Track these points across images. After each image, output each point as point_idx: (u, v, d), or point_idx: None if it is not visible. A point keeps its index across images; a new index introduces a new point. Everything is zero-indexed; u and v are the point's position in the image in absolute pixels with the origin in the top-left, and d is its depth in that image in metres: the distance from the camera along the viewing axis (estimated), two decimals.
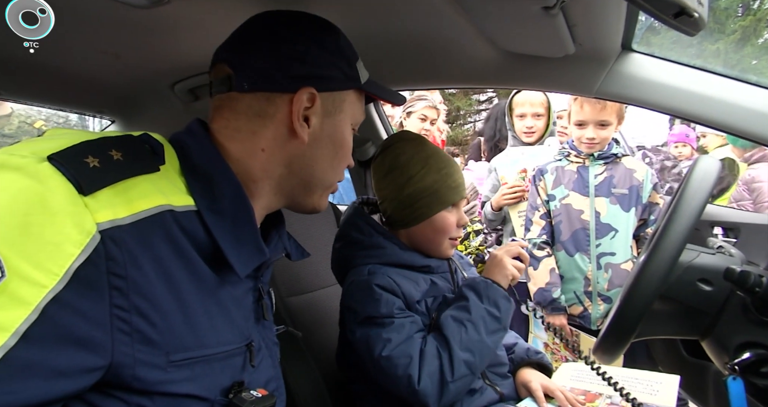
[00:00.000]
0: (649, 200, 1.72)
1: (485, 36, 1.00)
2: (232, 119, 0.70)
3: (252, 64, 0.69)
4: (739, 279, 0.69)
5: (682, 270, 0.76)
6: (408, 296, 0.96)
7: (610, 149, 1.75)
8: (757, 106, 0.91)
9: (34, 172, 0.48)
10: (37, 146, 0.52)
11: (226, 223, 0.62)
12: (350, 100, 0.75)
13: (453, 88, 9.53)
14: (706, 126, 1.06)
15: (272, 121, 0.69)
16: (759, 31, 10.04)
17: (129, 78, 1.30)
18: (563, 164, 1.80)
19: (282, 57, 0.69)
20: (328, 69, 0.71)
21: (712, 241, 0.93)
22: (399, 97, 0.86)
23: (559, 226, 1.75)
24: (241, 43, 0.72)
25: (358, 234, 1.04)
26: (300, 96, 0.68)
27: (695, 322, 0.77)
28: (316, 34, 0.72)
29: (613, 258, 1.68)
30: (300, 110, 0.68)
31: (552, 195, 1.78)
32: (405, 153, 1.03)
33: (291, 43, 0.70)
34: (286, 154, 0.70)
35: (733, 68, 10.30)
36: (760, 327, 0.71)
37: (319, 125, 0.71)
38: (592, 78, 1.04)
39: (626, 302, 0.70)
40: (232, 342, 0.64)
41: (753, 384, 0.71)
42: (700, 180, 0.72)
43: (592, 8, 0.84)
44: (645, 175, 1.72)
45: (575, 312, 1.74)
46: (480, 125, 11.85)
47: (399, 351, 0.90)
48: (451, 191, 1.02)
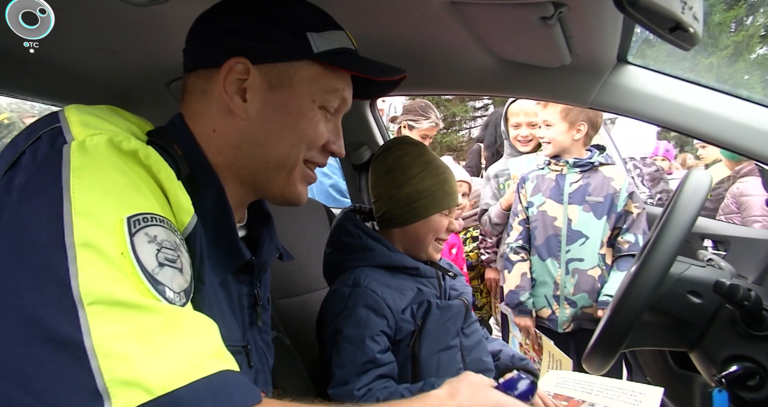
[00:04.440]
0: (624, 209, 1.75)
1: (483, 44, 1.01)
2: (186, 100, 0.69)
3: (194, 43, 0.69)
4: (729, 293, 0.69)
5: (672, 282, 0.76)
6: (394, 307, 0.96)
7: (590, 157, 1.79)
8: (748, 120, 0.92)
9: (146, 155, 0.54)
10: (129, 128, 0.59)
11: (207, 226, 0.62)
12: (304, 73, 0.68)
13: (449, 95, 9.57)
14: (697, 139, 1.07)
15: (212, 97, 0.67)
16: (751, 47, 10.19)
17: (125, 75, 1.30)
18: (544, 173, 1.86)
19: (217, 32, 0.68)
20: (265, 40, 0.66)
21: (702, 254, 0.93)
22: (383, 71, 0.73)
23: (535, 232, 1.82)
24: (194, 24, 0.71)
25: (347, 238, 1.05)
26: (228, 67, 0.65)
27: (684, 334, 0.77)
28: (256, 7, 0.68)
29: (581, 264, 1.73)
30: (232, 83, 0.65)
31: (531, 202, 1.84)
32: (408, 155, 1.05)
33: (226, 17, 0.68)
34: (233, 131, 0.67)
35: (725, 83, 10.44)
36: (748, 341, 0.71)
37: (260, 98, 0.66)
38: (587, 89, 1.05)
39: (616, 313, 0.70)
40: (236, 340, 0.66)
41: (739, 398, 0.72)
42: (692, 193, 0.72)
43: (589, 20, 0.85)
44: (622, 184, 1.75)
45: (544, 315, 1.81)
46: (475, 132, 11.90)
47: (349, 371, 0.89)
48: (447, 196, 1.04)
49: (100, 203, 0.47)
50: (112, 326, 0.43)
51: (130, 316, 0.44)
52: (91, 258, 0.44)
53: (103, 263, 0.45)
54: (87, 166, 0.48)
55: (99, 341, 0.41)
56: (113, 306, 0.43)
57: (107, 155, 0.50)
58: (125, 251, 0.46)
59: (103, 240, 0.46)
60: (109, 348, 0.41)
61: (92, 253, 0.45)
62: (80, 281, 0.43)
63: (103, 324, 0.42)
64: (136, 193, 0.51)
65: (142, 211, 0.49)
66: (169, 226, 0.52)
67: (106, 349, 0.41)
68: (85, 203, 0.46)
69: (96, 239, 0.45)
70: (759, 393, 0.70)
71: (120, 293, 0.44)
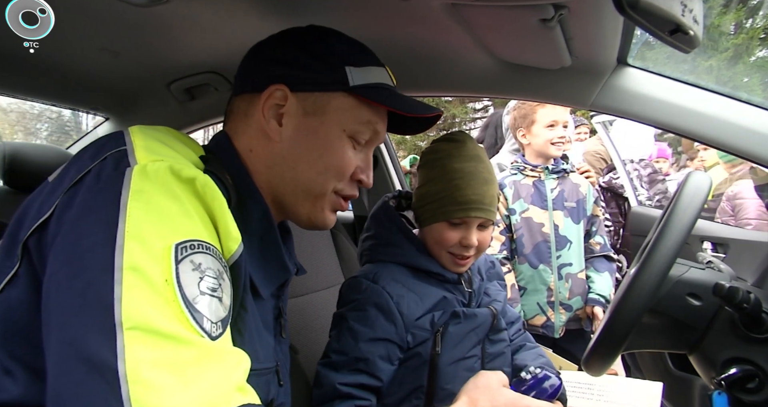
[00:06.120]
0: (591, 213, 1.81)
1: (483, 46, 1.01)
2: (231, 120, 0.75)
3: (244, 69, 0.75)
4: (728, 295, 0.69)
5: (671, 284, 0.76)
6: (407, 314, 0.91)
7: (558, 164, 1.81)
8: (746, 123, 0.92)
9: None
10: (186, 156, 0.61)
11: (254, 244, 0.66)
12: (337, 103, 0.71)
13: (449, 96, 9.57)
14: (696, 141, 1.07)
15: (252, 119, 0.72)
16: (751, 50, 10.20)
17: (126, 76, 1.30)
18: (519, 179, 1.83)
19: (263, 60, 0.73)
20: (305, 70, 0.71)
21: (701, 256, 0.93)
22: (415, 108, 0.74)
23: (521, 239, 1.77)
24: (247, 53, 0.77)
25: (379, 229, 1.01)
26: (269, 93, 0.70)
27: (683, 336, 0.77)
28: (302, 38, 0.73)
29: (571, 268, 1.75)
30: (270, 108, 0.70)
31: (512, 209, 1.80)
32: (438, 152, 0.98)
33: (273, 47, 0.74)
34: (267, 153, 0.71)
35: (724, 85, 10.44)
36: (748, 343, 0.71)
37: (294, 123, 0.71)
38: (587, 91, 1.05)
39: (616, 315, 0.70)
40: (270, 361, 0.69)
41: (739, 400, 0.72)
42: (691, 195, 0.72)
43: (589, 22, 0.85)
44: (587, 189, 1.82)
45: (538, 323, 1.78)
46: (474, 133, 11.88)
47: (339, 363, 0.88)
48: (456, 205, 0.93)
49: (152, 228, 0.49)
50: (146, 352, 0.44)
51: (166, 346, 0.45)
52: (136, 282, 0.46)
53: (147, 288, 0.46)
54: (146, 190, 0.51)
55: (132, 367, 0.42)
56: (151, 333, 0.45)
57: (165, 181, 0.53)
58: (169, 278, 0.48)
59: (150, 266, 0.47)
60: (141, 376, 0.42)
61: (138, 277, 0.46)
62: (123, 305, 0.44)
63: (138, 351, 0.43)
64: (187, 219, 0.53)
65: (191, 237, 0.52)
66: (214, 253, 0.54)
67: (138, 376, 0.42)
68: (139, 227, 0.48)
69: (143, 263, 0.47)
70: (758, 395, 0.70)
71: (159, 321, 0.45)
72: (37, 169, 1.33)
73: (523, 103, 1.84)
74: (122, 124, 1.57)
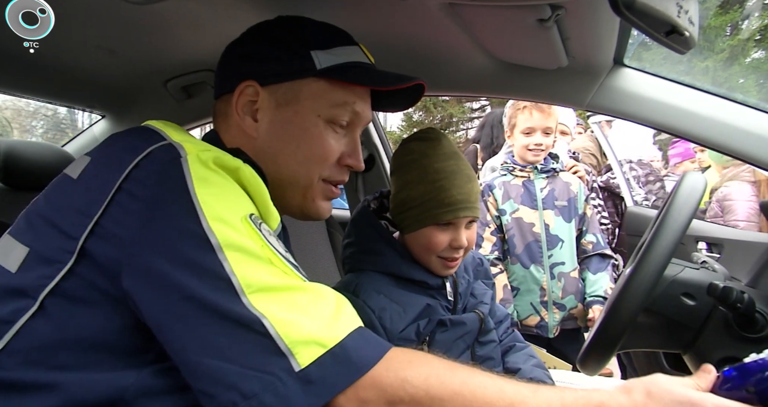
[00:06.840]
0: (583, 212, 1.81)
1: (480, 45, 1.01)
2: (216, 122, 0.77)
3: (218, 72, 0.77)
4: (722, 295, 0.69)
5: (666, 284, 0.77)
6: (390, 328, 0.87)
7: (548, 163, 1.81)
8: (742, 124, 0.93)
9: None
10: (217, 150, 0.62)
11: None
12: (309, 90, 0.70)
13: (447, 96, 9.57)
14: (691, 141, 1.08)
15: (231, 119, 0.73)
16: (747, 51, 10.25)
17: (122, 74, 1.29)
18: (508, 179, 1.83)
19: (233, 59, 0.74)
20: (273, 62, 0.71)
21: (696, 256, 0.94)
22: (390, 81, 0.73)
23: (513, 240, 1.77)
24: (221, 56, 0.78)
25: (359, 236, 0.96)
26: (240, 91, 0.71)
27: (678, 336, 0.78)
28: (268, 31, 0.73)
29: (563, 267, 1.74)
30: (243, 105, 0.71)
31: (503, 210, 1.80)
32: (412, 154, 0.93)
33: (241, 45, 0.74)
34: (249, 150, 0.70)
35: (720, 86, 10.48)
36: (741, 343, 0.72)
37: (269, 117, 0.71)
38: (583, 91, 1.06)
39: (611, 315, 0.70)
40: None
41: None
42: (686, 195, 0.73)
43: (586, 23, 0.85)
44: (578, 188, 1.82)
45: (532, 323, 1.77)
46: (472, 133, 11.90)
47: None
48: (443, 207, 0.88)
49: (225, 208, 0.54)
50: (275, 305, 0.52)
51: (286, 296, 0.53)
52: (238, 256, 0.52)
53: (250, 257, 0.53)
54: (207, 177, 0.55)
55: (271, 316, 0.51)
56: (271, 291, 0.53)
57: (216, 169, 0.57)
58: (263, 243, 0.55)
59: (241, 239, 0.53)
60: (282, 319, 0.51)
61: (237, 251, 0.52)
62: (238, 277, 0.51)
63: (269, 306, 0.51)
64: (244, 198, 0.59)
65: (252, 212, 0.58)
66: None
67: (280, 320, 0.51)
68: (214, 209, 0.53)
69: (236, 238, 0.53)
70: None
71: (272, 279, 0.54)
72: (32, 167, 1.32)
73: (515, 103, 1.85)
74: (119, 122, 1.57)
